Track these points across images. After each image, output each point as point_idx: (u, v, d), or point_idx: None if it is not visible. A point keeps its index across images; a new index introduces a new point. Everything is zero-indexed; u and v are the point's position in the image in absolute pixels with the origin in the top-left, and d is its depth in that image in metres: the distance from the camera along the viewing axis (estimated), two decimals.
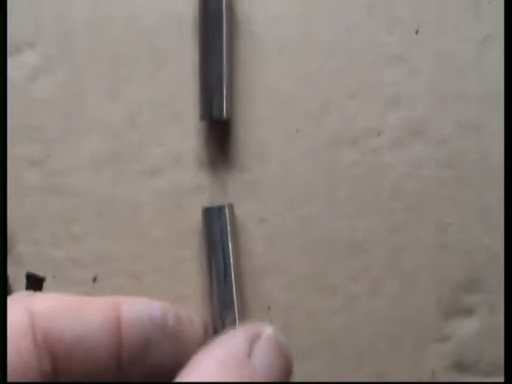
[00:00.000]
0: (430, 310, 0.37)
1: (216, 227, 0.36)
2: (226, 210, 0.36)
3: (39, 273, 0.38)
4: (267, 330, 0.29)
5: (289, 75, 0.37)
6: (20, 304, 0.27)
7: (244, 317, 0.37)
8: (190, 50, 0.37)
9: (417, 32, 0.37)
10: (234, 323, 0.35)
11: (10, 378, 0.25)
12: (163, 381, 0.29)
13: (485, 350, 0.37)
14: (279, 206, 0.37)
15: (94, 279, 0.38)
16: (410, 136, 0.37)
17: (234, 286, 0.36)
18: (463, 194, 0.37)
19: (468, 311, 0.37)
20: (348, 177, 0.37)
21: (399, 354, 0.37)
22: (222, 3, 0.36)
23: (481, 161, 0.37)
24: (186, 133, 0.37)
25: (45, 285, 0.38)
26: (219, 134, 0.38)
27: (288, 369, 0.30)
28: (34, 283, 0.37)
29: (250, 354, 0.28)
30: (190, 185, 0.37)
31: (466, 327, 0.37)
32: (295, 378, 0.33)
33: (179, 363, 0.27)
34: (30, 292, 0.33)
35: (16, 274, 0.37)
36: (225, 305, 0.36)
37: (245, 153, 0.37)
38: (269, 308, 0.37)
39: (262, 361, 0.28)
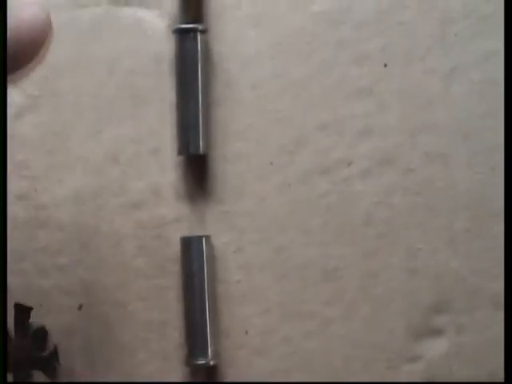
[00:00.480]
0: (402, 332, 0.39)
1: (193, 257, 0.38)
2: (203, 240, 0.38)
3: (27, 302, 0.39)
4: None
5: (262, 111, 0.39)
6: None
7: (219, 341, 0.39)
8: (168, 88, 0.39)
9: (385, 65, 0.39)
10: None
11: None
12: None
13: (454, 368, 0.39)
14: (255, 236, 0.39)
15: (80, 307, 0.40)
16: (380, 166, 0.39)
17: (207, 313, 0.38)
18: (432, 220, 0.39)
19: (437, 332, 0.39)
20: (321, 206, 0.39)
21: (372, 374, 0.39)
22: (197, 43, 0.38)
23: (448, 188, 0.39)
24: (165, 167, 0.39)
25: (32, 313, 0.39)
26: (197, 169, 0.39)
27: None
28: (22, 312, 0.39)
29: None
30: (169, 217, 0.39)
31: (435, 347, 0.39)
32: None
33: None
34: None
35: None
36: (198, 330, 0.38)
37: (222, 186, 0.39)
38: (246, 332, 0.39)
39: None
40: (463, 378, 0.39)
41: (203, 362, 0.38)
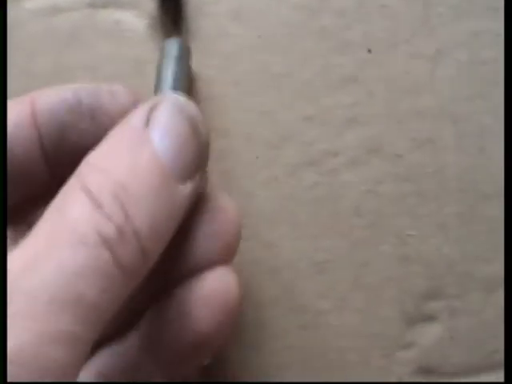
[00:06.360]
0: (395, 320, 0.39)
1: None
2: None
3: None
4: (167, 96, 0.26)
5: (246, 107, 0.38)
6: None
7: None
8: (149, 90, 0.38)
9: (369, 51, 0.38)
10: None
11: None
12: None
13: (448, 353, 0.39)
14: (243, 233, 0.38)
15: None
16: (367, 154, 0.38)
17: None
18: (422, 206, 0.39)
19: (430, 318, 0.39)
20: (309, 198, 0.38)
21: (367, 364, 0.39)
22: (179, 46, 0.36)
23: (437, 173, 0.38)
24: None
25: None
26: None
27: (194, 132, 0.27)
28: None
29: (146, 123, 0.25)
30: None
31: (428, 333, 0.39)
32: None
33: (100, 139, 0.25)
34: None
35: None
36: None
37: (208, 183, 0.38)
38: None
39: (162, 127, 0.25)
40: (457, 361, 0.39)
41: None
